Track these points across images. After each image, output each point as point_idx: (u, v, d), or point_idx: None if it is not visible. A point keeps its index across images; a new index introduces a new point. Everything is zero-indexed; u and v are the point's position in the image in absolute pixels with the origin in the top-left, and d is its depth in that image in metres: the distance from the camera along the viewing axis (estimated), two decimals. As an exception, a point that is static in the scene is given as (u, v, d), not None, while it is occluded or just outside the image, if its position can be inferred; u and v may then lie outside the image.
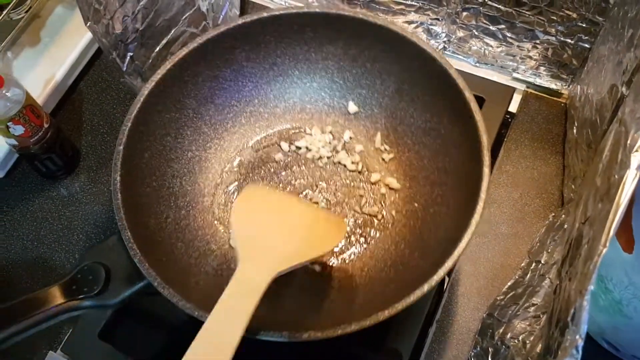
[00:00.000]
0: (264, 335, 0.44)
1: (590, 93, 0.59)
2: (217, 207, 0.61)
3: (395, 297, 0.44)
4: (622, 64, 0.50)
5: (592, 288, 0.30)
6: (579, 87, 0.65)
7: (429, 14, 0.72)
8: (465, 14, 0.69)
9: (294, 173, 0.63)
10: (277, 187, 0.62)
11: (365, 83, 0.63)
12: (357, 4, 0.75)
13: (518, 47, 0.69)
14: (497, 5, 0.66)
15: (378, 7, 0.74)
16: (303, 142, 0.65)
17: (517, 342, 0.53)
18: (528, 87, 0.72)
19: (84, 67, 0.78)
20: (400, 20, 0.74)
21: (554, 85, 0.71)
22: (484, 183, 0.47)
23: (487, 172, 0.48)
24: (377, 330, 0.44)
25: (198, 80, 0.60)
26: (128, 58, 0.57)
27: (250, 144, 0.65)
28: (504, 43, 0.70)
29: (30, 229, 0.68)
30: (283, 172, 0.63)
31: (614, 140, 0.40)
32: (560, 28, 0.64)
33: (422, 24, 0.74)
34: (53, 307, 0.47)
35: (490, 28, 0.69)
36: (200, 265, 0.55)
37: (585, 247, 0.38)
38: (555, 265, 0.55)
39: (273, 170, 0.63)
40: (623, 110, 0.42)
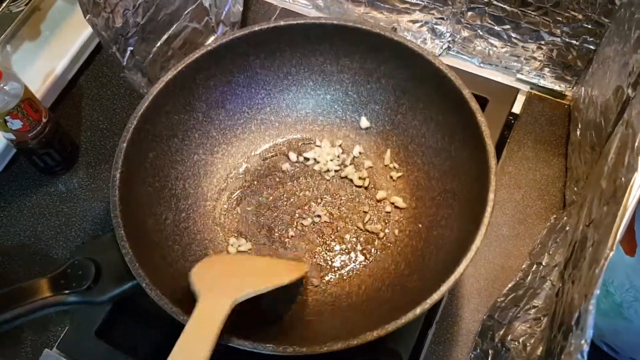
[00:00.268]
0: (249, 346, 0.43)
1: (595, 95, 0.59)
2: (218, 212, 0.61)
3: (388, 317, 0.44)
4: (628, 66, 0.49)
5: (597, 292, 0.30)
6: (584, 88, 0.65)
7: (434, 13, 0.71)
8: (470, 14, 0.68)
9: (300, 184, 0.63)
10: (280, 197, 0.62)
11: (379, 99, 0.62)
12: (361, 3, 0.74)
13: (523, 47, 0.69)
14: (502, 5, 0.65)
15: (383, 5, 0.73)
16: (312, 153, 0.64)
17: (517, 344, 0.53)
18: (532, 88, 0.72)
19: (84, 61, 0.77)
20: (405, 19, 0.74)
21: (558, 87, 0.71)
22: (488, 209, 0.47)
23: (491, 197, 0.47)
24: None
25: (210, 84, 0.59)
26: (128, 52, 0.56)
27: (258, 152, 0.65)
28: (509, 43, 0.69)
29: (28, 225, 0.67)
30: (289, 182, 0.63)
31: (620, 143, 0.40)
32: (566, 29, 0.64)
33: (426, 23, 0.73)
34: (40, 299, 0.47)
35: (495, 28, 0.68)
36: None
37: (590, 250, 0.37)
38: (557, 268, 0.54)
39: (279, 180, 0.63)
40: (629, 113, 0.42)
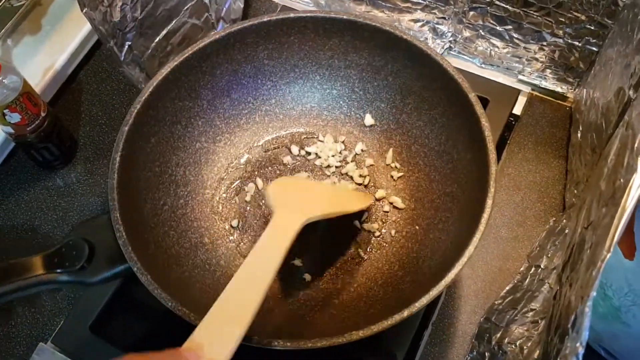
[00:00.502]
0: None
1: (596, 97, 0.58)
2: (217, 201, 0.61)
3: (377, 318, 0.43)
4: (630, 67, 0.49)
5: (594, 294, 0.29)
6: (585, 90, 0.64)
7: (436, 13, 0.71)
8: (472, 14, 0.68)
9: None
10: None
11: (385, 97, 0.62)
12: (362, 1, 0.74)
13: (524, 48, 0.68)
14: (504, 5, 0.65)
15: (384, 4, 0.73)
16: (314, 148, 0.64)
17: (514, 347, 0.53)
18: (533, 89, 0.71)
19: (85, 56, 0.77)
20: (407, 19, 0.73)
21: (560, 89, 0.70)
22: (485, 215, 0.46)
23: (490, 203, 0.47)
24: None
25: (216, 73, 0.59)
26: (126, 47, 0.56)
27: (261, 143, 0.64)
28: (511, 44, 0.69)
29: (25, 219, 0.67)
30: (289, 175, 0.62)
31: (620, 144, 0.40)
32: (568, 30, 0.63)
33: (428, 23, 0.73)
34: (33, 276, 0.47)
35: (497, 28, 0.68)
36: (189, 257, 0.55)
37: (588, 252, 0.37)
38: (555, 271, 0.54)
39: (279, 173, 0.63)
40: (630, 114, 0.41)
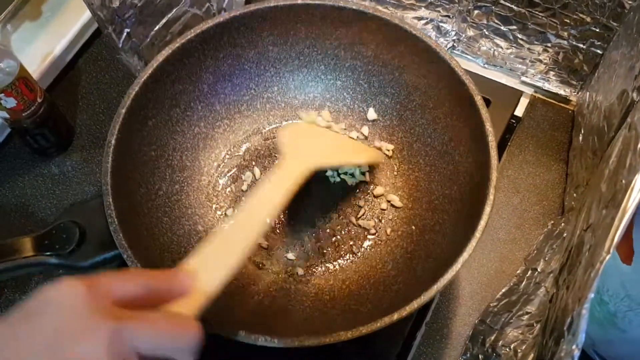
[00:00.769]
0: (221, 332, 0.42)
1: (599, 100, 0.58)
2: (213, 188, 0.60)
3: (367, 318, 0.43)
4: (634, 69, 0.48)
5: (592, 296, 0.29)
6: (588, 93, 0.64)
7: (440, 11, 0.70)
8: (477, 12, 0.67)
9: None
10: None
11: (390, 92, 0.61)
12: (366, -4, 0.73)
13: (528, 49, 0.68)
14: (509, 5, 0.64)
15: (388, 0, 0.72)
16: None
17: (508, 350, 0.52)
18: (536, 91, 0.71)
19: (84, 44, 0.76)
20: (410, 16, 0.73)
21: (563, 91, 0.69)
22: (482, 222, 0.45)
23: (487, 210, 0.46)
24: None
25: (219, 56, 0.58)
26: (125, 34, 0.55)
27: (261, 131, 0.63)
28: (514, 44, 0.68)
29: (19, 205, 0.66)
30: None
31: (623, 146, 0.39)
32: (573, 32, 0.63)
33: (432, 21, 0.72)
34: (22, 257, 0.47)
35: (502, 28, 0.67)
36: (182, 244, 0.54)
37: (586, 254, 0.36)
38: (552, 274, 0.53)
39: (277, 163, 0.62)
40: (633, 116, 0.41)
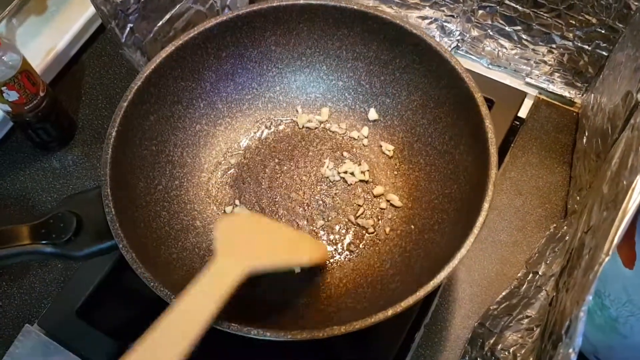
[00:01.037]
0: (214, 324, 0.41)
1: (604, 102, 0.57)
2: (212, 185, 0.60)
3: (363, 315, 0.42)
4: (639, 71, 0.47)
5: (590, 298, 0.28)
6: (593, 95, 0.63)
7: (444, 10, 0.70)
8: (481, 12, 0.67)
9: (298, 168, 0.61)
10: (276, 178, 0.61)
11: (391, 92, 0.61)
12: (370, -5, 0.73)
13: (533, 50, 0.67)
14: (514, 5, 0.63)
15: (392, -1, 0.72)
16: None
17: (507, 354, 0.51)
18: (540, 93, 0.70)
19: (88, 39, 0.76)
20: (414, 15, 0.72)
21: (568, 93, 0.69)
22: (481, 219, 0.45)
23: (486, 207, 0.46)
24: (360, 330, 0.42)
25: (222, 55, 0.58)
26: (128, 29, 0.55)
27: (262, 130, 0.63)
28: (519, 45, 0.67)
29: (19, 199, 0.66)
30: (287, 164, 0.61)
31: (625, 147, 0.38)
32: (579, 33, 0.62)
33: (436, 20, 0.72)
34: (18, 245, 0.46)
35: (506, 29, 0.67)
36: (179, 239, 0.54)
37: (587, 257, 0.35)
38: (553, 277, 0.53)
39: (278, 161, 0.62)
40: (636, 117, 0.40)
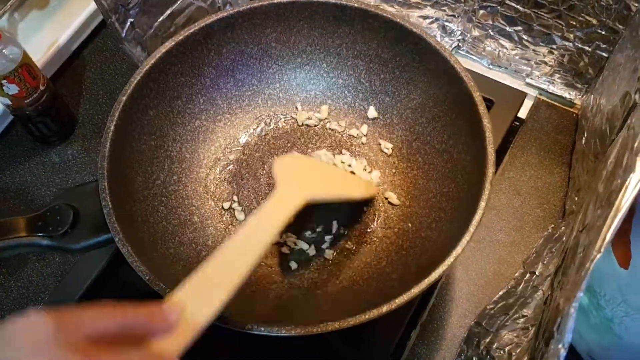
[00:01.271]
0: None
1: (603, 103, 0.57)
2: (211, 180, 0.60)
3: (358, 312, 0.43)
4: (638, 71, 0.47)
5: (581, 295, 0.28)
6: (592, 97, 0.63)
7: (445, 10, 0.70)
8: (482, 12, 0.67)
9: None
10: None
11: (391, 90, 0.61)
12: (372, -6, 0.73)
13: (534, 51, 0.67)
14: (515, 6, 0.63)
15: (393, -2, 0.72)
16: None
17: (502, 353, 0.51)
18: (540, 93, 0.70)
19: (90, 34, 0.76)
20: (416, 15, 0.72)
21: (568, 94, 0.69)
22: (477, 217, 0.45)
23: (482, 205, 0.46)
24: (356, 328, 0.42)
25: (222, 51, 0.59)
26: (128, 24, 0.55)
27: (262, 127, 0.64)
28: (520, 46, 0.67)
29: (18, 192, 0.66)
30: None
31: (621, 146, 0.38)
32: (579, 34, 0.62)
33: (437, 20, 0.72)
34: (15, 237, 0.47)
35: (507, 29, 0.67)
36: (176, 234, 0.54)
37: (580, 255, 0.35)
38: (550, 278, 0.52)
39: (277, 158, 0.62)
40: (633, 117, 0.40)
